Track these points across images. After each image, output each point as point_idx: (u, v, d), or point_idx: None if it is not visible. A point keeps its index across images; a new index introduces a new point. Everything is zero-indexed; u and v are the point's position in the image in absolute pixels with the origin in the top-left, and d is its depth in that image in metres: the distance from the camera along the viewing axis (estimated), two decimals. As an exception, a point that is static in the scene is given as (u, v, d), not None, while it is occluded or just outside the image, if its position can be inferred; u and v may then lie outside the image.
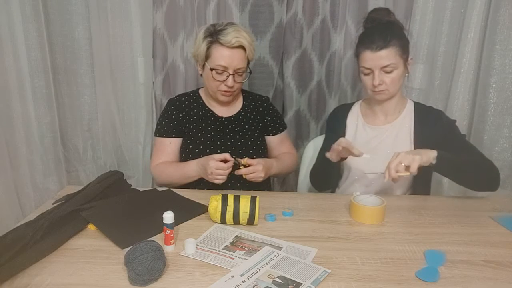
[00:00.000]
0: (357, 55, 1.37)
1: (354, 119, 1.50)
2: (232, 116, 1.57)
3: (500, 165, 1.74)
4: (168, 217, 1.00)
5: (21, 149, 1.76)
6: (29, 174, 1.81)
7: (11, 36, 1.67)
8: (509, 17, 1.63)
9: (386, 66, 1.30)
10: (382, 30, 1.32)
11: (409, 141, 1.39)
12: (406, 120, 1.42)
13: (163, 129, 1.54)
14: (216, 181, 1.33)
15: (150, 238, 1.00)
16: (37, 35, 1.74)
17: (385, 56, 1.29)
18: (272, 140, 1.63)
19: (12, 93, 1.71)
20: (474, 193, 1.78)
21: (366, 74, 1.35)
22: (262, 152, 1.57)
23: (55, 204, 1.19)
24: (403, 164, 1.18)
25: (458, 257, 1.01)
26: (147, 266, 0.87)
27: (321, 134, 1.93)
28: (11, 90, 1.70)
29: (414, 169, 1.17)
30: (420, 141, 1.38)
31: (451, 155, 1.27)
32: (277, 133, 1.63)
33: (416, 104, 1.45)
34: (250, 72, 1.49)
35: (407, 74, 1.39)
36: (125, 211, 1.19)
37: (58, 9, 1.84)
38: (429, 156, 1.22)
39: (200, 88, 1.64)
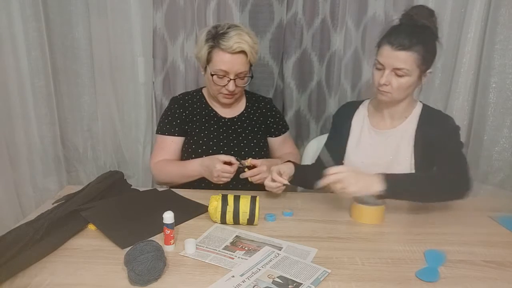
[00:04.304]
0: (378, 46, 1.28)
1: (360, 120, 1.46)
2: (235, 117, 1.56)
3: (500, 165, 1.74)
4: (168, 217, 1.00)
5: (21, 149, 1.76)
6: (29, 174, 1.81)
7: (11, 36, 1.67)
8: (509, 17, 1.63)
9: (398, 69, 1.22)
10: (411, 31, 1.22)
11: (411, 146, 1.34)
12: (410, 126, 1.36)
13: (165, 127, 1.53)
14: (220, 182, 1.34)
15: (150, 238, 1.00)
16: (37, 35, 1.74)
17: (403, 58, 1.21)
18: (275, 141, 1.63)
19: (12, 93, 1.71)
20: (474, 193, 1.79)
21: (377, 69, 1.28)
22: (265, 153, 1.57)
23: (55, 204, 1.19)
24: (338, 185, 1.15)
25: (458, 257, 1.01)
26: (147, 266, 0.87)
27: (321, 134, 1.93)
28: (11, 90, 1.70)
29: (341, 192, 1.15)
30: (420, 144, 1.33)
31: (403, 181, 1.20)
32: (280, 135, 1.63)
33: (425, 108, 1.38)
34: (252, 77, 1.48)
35: (420, 86, 1.31)
36: (125, 211, 1.19)
37: (58, 9, 1.84)
38: (372, 192, 1.15)
39: (203, 87, 1.63)
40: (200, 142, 1.50)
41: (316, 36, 1.88)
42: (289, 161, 1.40)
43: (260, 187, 1.42)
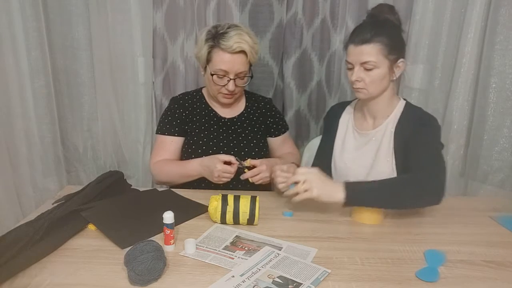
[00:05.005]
0: (345, 48, 1.32)
1: (346, 122, 1.45)
2: (234, 117, 1.56)
3: (500, 165, 1.74)
4: (168, 217, 1.00)
5: (21, 149, 1.76)
6: (29, 174, 1.81)
7: (11, 36, 1.67)
8: (509, 17, 1.63)
9: (365, 63, 1.22)
10: (370, 24, 1.25)
11: (391, 146, 1.31)
12: (390, 124, 1.34)
13: (165, 127, 1.53)
14: (220, 182, 1.34)
15: (150, 238, 0.99)
16: (37, 35, 1.74)
17: (366, 52, 1.21)
18: (274, 141, 1.63)
19: (12, 93, 1.71)
20: (474, 193, 1.80)
21: (349, 69, 1.30)
22: (264, 153, 1.57)
23: (55, 204, 1.19)
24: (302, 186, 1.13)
25: (458, 257, 1.01)
26: (147, 266, 0.87)
27: (321, 134, 1.93)
28: (11, 90, 1.70)
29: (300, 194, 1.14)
30: (399, 144, 1.30)
31: (367, 188, 1.15)
32: (279, 135, 1.63)
33: (407, 105, 1.34)
34: (252, 77, 1.49)
35: (394, 78, 1.29)
36: (125, 211, 1.19)
37: (58, 9, 1.84)
38: (334, 199, 1.13)
39: (203, 87, 1.63)
40: (200, 142, 1.50)
41: (316, 36, 1.88)
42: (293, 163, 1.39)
43: (260, 187, 1.42)
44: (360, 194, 1.14)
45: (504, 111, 1.71)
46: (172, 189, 1.40)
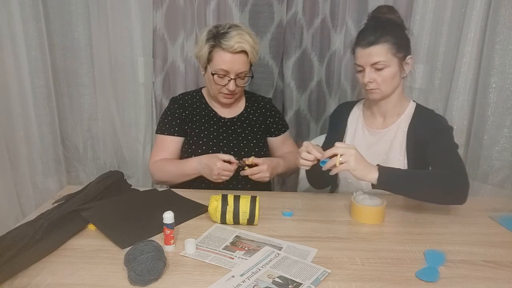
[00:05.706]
0: (352, 52, 1.35)
1: (355, 120, 1.48)
2: (234, 117, 1.57)
3: (500, 165, 1.74)
4: (168, 217, 1.00)
5: (21, 149, 1.76)
6: (29, 174, 1.81)
7: (11, 35, 1.67)
8: (509, 17, 1.63)
9: (376, 63, 1.26)
10: (375, 26, 1.29)
11: (403, 145, 1.35)
12: (402, 124, 1.38)
13: (165, 127, 1.54)
14: (219, 181, 1.34)
15: (150, 238, 1.00)
16: (37, 34, 1.74)
17: (375, 53, 1.26)
18: (275, 141, 1.63)
19: (12, 93, 1.71)
20: (474, 193, 1.80)
21: (358, 72, 1.33)
22: (265, 153, 1.57)
23: (55, 204, 1.19)
24: (340, 158, 1.15)
25: (458, 257, 1.01)
26: (147, 266, 0.87)
27: (321, 134, 1.93)
28: (11, 90, 1.70)
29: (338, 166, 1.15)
30: (412, 144, 1.34)
31: (400, 175, 1.21)
32: (279, 134, 1.63)
33: (418, 107, 1.39)
34: (252, 77, 1.49)
35: (405, 75, 1.34)
36: (125, 211, 1.19)
37: (58, 9, 1.84)
38: (367, 177, 1.16)
39: (203, 87, 1.64)
40: (200, 142, 1.50)
41: (316, 36, 1.88)
42: None
43: (260, 187, 1.43)
44: (393, 179, 1.18)
45: (504, 111, 1.71)
46: (172, 189, 1.40)
